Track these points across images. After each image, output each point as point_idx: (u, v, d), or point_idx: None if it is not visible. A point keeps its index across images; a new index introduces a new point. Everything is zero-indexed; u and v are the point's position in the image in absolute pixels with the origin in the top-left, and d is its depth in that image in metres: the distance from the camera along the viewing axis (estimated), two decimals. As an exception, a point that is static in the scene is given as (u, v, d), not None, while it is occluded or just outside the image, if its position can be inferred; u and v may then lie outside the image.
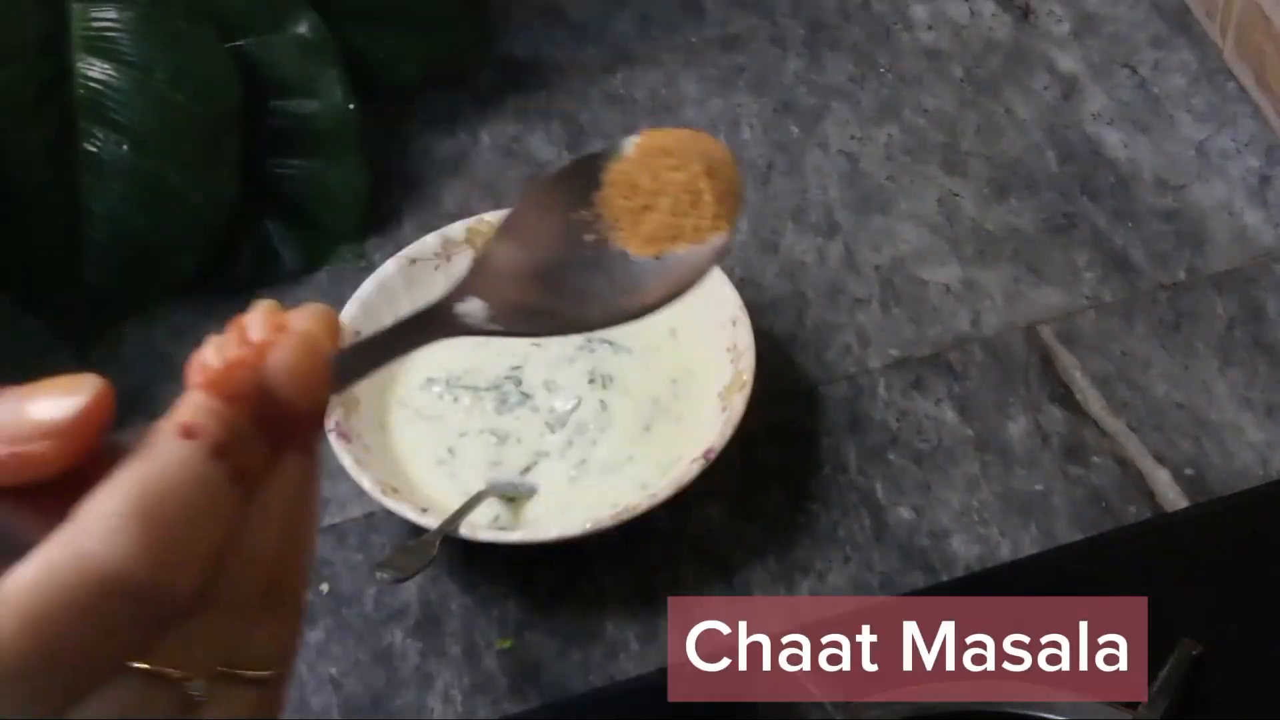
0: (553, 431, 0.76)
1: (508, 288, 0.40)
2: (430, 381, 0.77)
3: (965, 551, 0.73)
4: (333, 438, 0.73)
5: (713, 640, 0.71)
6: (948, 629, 0.70)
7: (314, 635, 0.72)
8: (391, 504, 0.71)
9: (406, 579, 0.69)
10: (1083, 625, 0.70)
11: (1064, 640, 0.70)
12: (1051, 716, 0.63)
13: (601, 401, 0.77)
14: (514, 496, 0.74)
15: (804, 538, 0.74)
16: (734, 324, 0.76)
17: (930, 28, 0.93)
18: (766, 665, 0.65)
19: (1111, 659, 0.67)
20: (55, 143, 0.78)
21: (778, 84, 0.91)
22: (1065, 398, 0.78)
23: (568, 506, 0.73)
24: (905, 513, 0.75)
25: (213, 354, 0.35)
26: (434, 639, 0.72)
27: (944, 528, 0.74)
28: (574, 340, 0.79)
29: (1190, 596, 0.71)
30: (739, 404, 0.73)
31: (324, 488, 0.77)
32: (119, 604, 0.32)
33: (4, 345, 0.81)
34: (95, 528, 0.32)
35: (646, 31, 0.94)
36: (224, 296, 0.83)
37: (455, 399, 0.77)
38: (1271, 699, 0.67)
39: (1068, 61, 0.91)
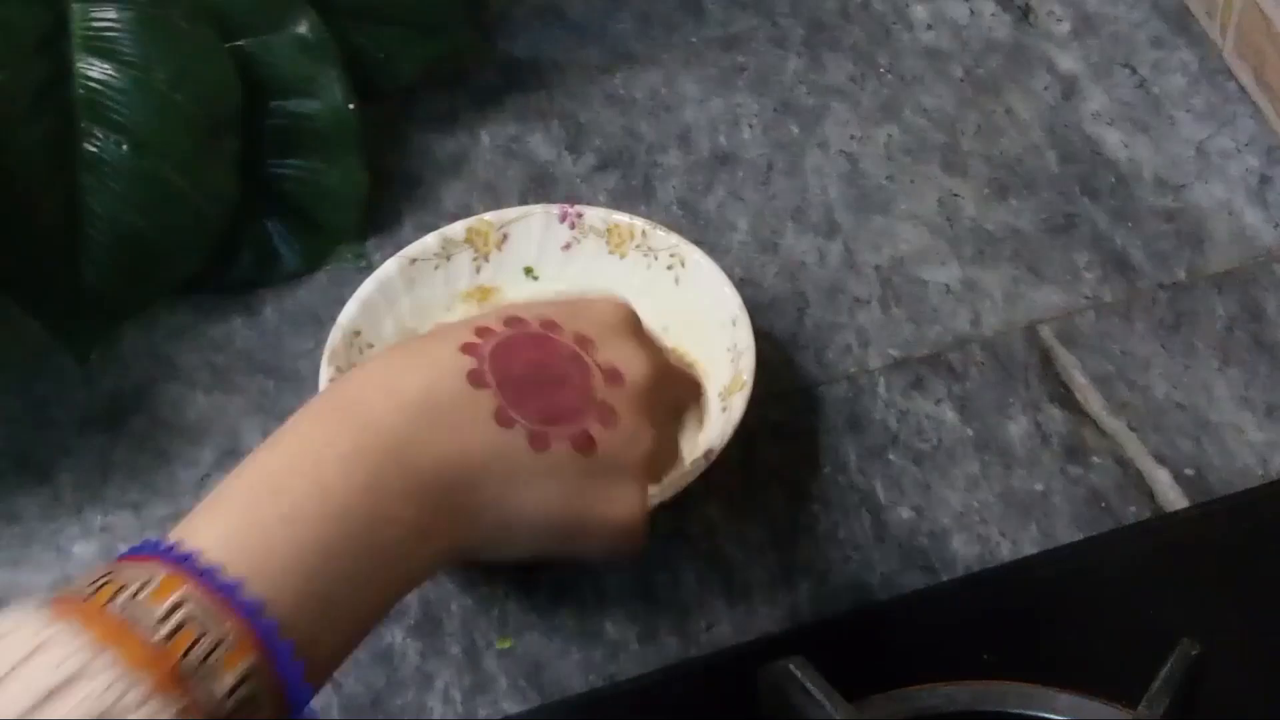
0: (553, 431, 0.76)
1: None
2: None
3: (965, 551, 0.73)
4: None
5: (711, 640, 0.71)
6: (948, 629, 0.71)
7: (314, 635, 0.72)
8: (391, 504, 0.71)
9: None
10: (1083, 624, 0.70)
11: (1064, 638, 0.70)
12: (1051, 716, 0.63)
13: (601, 401, 0.77)
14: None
15: (804, 538, 0.74)
16: (734, 324, 0.76)
17: (930, 28, 0.93)
18: (767, 664, 0.65)
19: (1111, 658, 0.67)
20: (55, 143, 0.78)
21: (778, 84, 0.91)
22: (1065, 398, 0.78)
23: (568, 506, 0.73)
24: (905, 513, 0.75)
25: None
26: (434, 639, 0.72)
27: (944, 528, 0.74)
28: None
29: (1190, 596, 0.71)
30: (739, 404, 0.73)
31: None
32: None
33: (4, 345, 0.81)
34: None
35: (646, 31, 0.94)
36: (224, 297, 0.83)
37: (455, 399, 0.77)
38: (1271, 699, 0.67)
39: (1068, 61, 0.91)
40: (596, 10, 0.95)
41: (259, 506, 0.50)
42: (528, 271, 0.80)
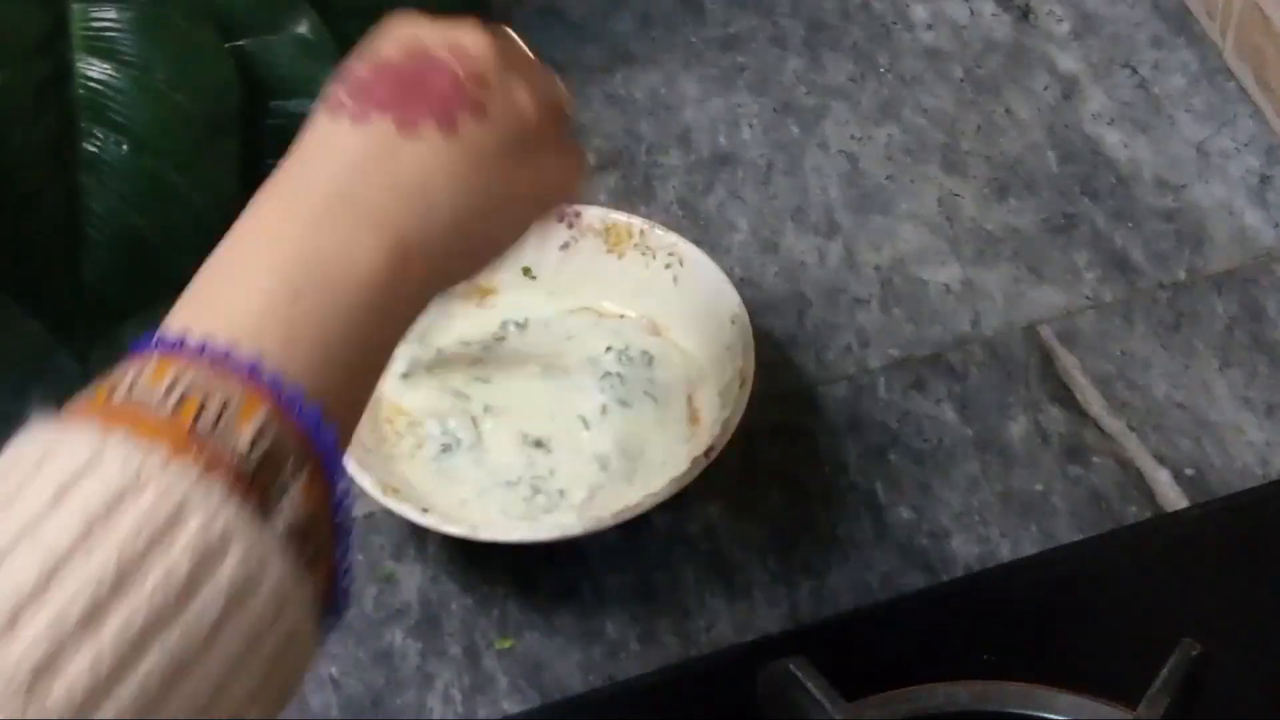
0: (553, 432, 0.76)
1: None
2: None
3: (965, 551, 0.73)
4: (333, 438, 0.72)
5: (711, 640, 0.71)
6: (948, 629, 0.71)
7: (314, 635, 0.72)
8: (392, 504, 0.71)
9: None
10: (1083, 624, 0.70)
11: (1064, 638, 0.70)
12: (1051, 716, 0.63)
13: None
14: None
15: (804, 538, 0.74)
16: (733, 322, 0.76)
17: (930, 28, 0.93)
18: (767, 664, 0.65)
19: (1111, 658, 0.67)
20: (55, 143, 0.78)
21: (778, 84, 0.91)
22: (1065, 398, 0.78)
23: (568, 506, 0.73)
24: (905, 513, 0.75)
25: None
26: (434, 639, 0.72)
27: (944, 528, 0.74)
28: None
29: (1190, 596, 0.71)
30: (739, 404, 0.73)
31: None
32: None
33: (4, 345, 0.81)
34: None
35: (646, 31, 0.94)
36: (224, 296, 0.83)
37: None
38: (1272, 699, 0.67)
39: (1068, 61, 0.91)
40: (596, 10, 0.95)
41: (222, 276, 0.53)
42: (525, 271, 0.80)
